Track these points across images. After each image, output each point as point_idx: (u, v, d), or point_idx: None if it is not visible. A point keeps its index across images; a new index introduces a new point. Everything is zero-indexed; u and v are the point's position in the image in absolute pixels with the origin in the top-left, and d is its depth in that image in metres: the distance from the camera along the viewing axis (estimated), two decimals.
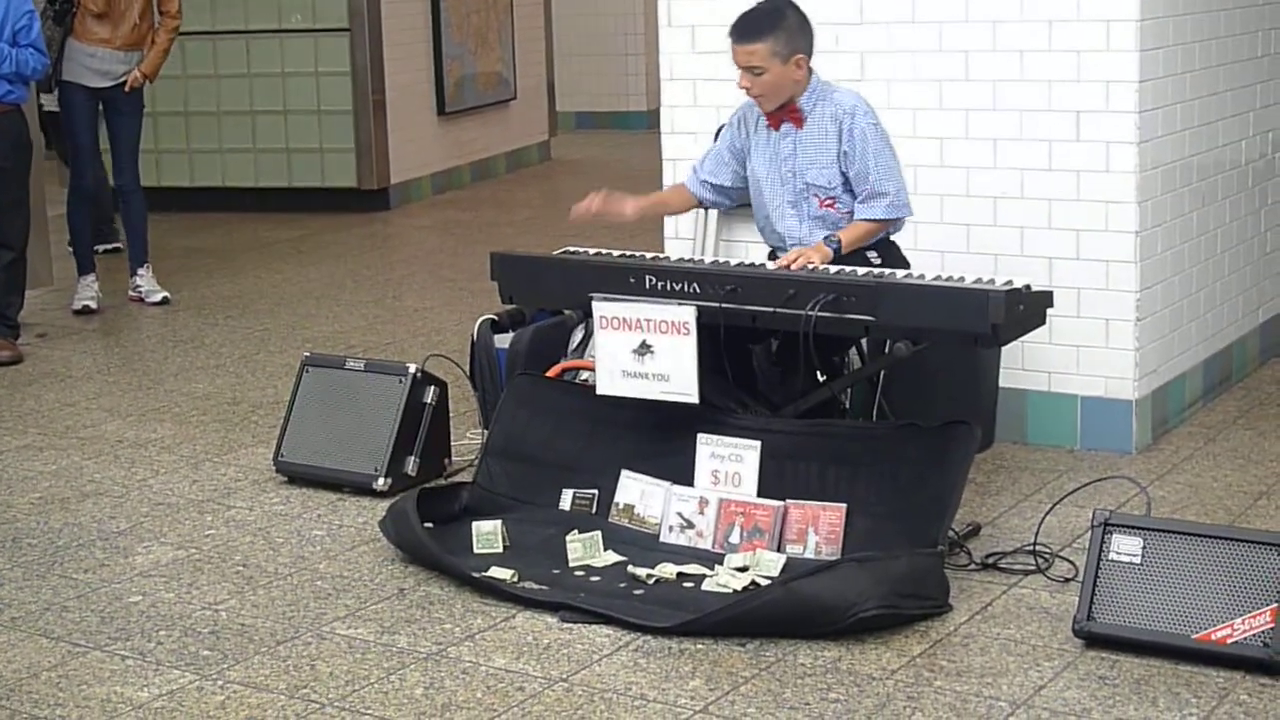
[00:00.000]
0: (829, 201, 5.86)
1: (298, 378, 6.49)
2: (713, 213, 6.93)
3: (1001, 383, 6.43)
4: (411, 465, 6.23)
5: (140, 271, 9.80)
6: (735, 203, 6.27)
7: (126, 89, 9.44)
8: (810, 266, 5.55)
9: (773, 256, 5.98)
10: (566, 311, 6.53)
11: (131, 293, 9.82)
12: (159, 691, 4.62)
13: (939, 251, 6.38)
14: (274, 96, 12.98)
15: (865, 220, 5.81)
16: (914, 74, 6.53)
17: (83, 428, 7.27)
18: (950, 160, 6.55)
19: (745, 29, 5.82)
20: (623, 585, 5.18)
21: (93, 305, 9.53)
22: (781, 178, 5.93)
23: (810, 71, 5.87)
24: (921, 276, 5.48)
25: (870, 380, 5.76)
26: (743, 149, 6.06)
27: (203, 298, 9.92)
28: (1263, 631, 4.47)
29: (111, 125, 9.56)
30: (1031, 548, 5.34)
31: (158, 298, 9.74)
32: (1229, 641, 4.49)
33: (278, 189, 13.10)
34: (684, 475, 5.53)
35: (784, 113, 5.89)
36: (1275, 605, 4.47)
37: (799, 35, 5.82)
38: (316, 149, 12.96)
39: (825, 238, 5.75)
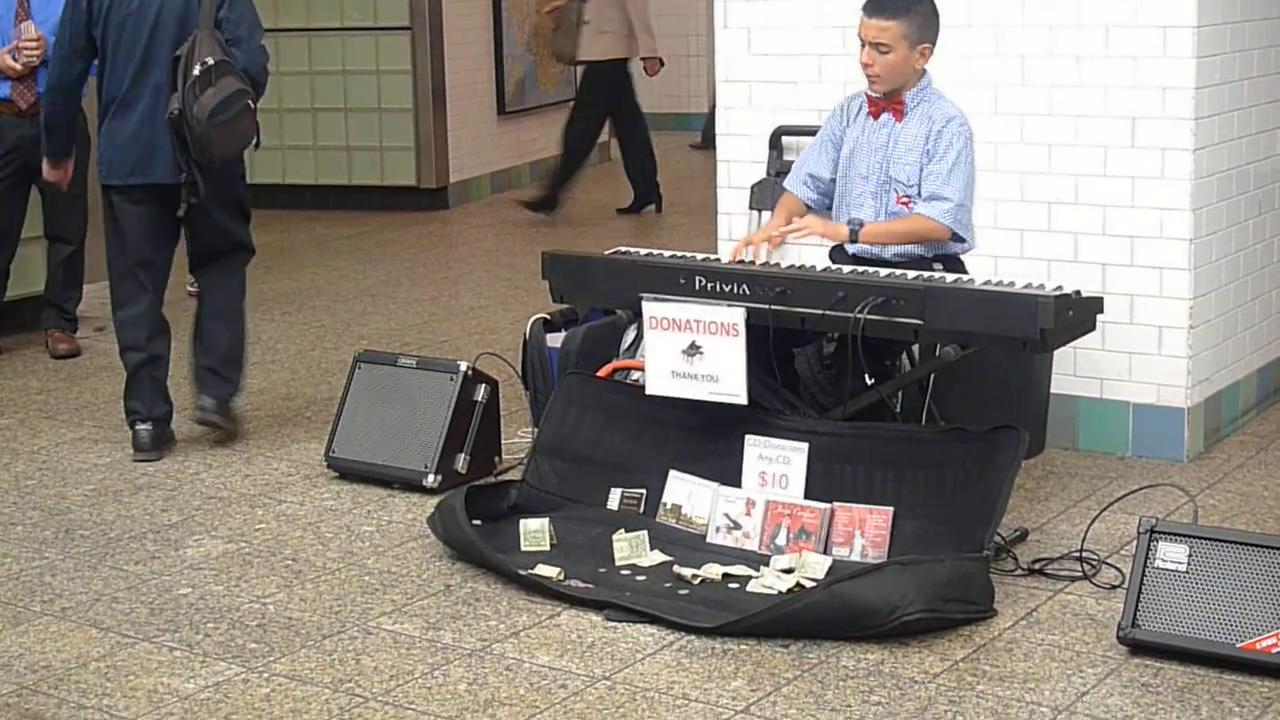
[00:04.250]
0: (905, 199, 5.78)
1: (350, 374, 6.53)
2: (766, 215, 6.93)
3: (1054, 389, 6.40)
4: (461, 463, 6.25)
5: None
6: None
7: None
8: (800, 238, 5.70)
9: (838, 256, 5.94)
10: (618, 311, 6.54)
11: (190, 288, 9.84)
12: (205, 683, 4.65)
13: (992, 257, 6.37)
14: (335, 94, 13.05)
15: (919, 216, 5.73)
16: (970, 78, 6.51)
17: None
18: (1004, 165, 6.53)
19: (882, 4, 5.73)
20: (668, 585, 5.19)
21: None
22: (870, 166, 5.84)
23: (925, 72, 5.83)
24: (971, 281, 5.47)
25: (920, 384, 5.75)
26: (841, 136, 5.96)
27: (260, 294, 9.93)
28: None
29: None
30: (1078, 554, 5.33)
31: None
32: (1274, 650, 4.47)
33: (337, 186, 13.18)
34: (732, 476, 5.54)
35: (888, 102, 5.81)
36: None
37: (930, 26, 5.77)
38: (376, 147, 13.02)
39: (848, 220, 5.73)
